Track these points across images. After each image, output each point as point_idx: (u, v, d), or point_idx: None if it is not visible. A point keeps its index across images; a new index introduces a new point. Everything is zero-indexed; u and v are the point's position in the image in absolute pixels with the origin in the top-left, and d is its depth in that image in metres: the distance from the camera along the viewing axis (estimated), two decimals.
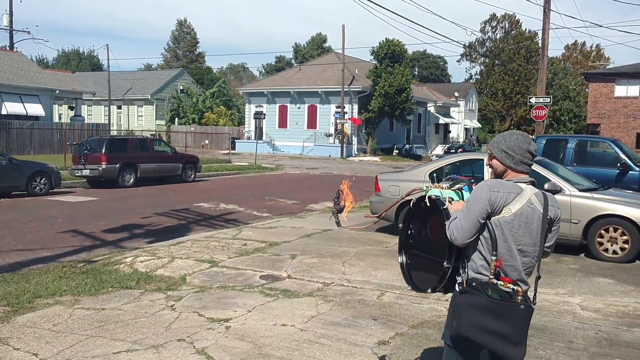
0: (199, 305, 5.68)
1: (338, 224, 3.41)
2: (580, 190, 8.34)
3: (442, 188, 3.06)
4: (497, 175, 2.88)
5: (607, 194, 8.47)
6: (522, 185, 2.76)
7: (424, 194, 3.07)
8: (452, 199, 2.97)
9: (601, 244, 8.09)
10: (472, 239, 2.73)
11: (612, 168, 11.94)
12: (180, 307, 5.61)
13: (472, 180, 3.15)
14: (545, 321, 5.33)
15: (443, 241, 2.86)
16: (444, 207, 2.92)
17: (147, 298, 5.93)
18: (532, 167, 2.89)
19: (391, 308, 5.67)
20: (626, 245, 7.94)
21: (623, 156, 12.15)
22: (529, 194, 2.73)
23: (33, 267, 7.27)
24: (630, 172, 11.76)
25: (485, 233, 2.72)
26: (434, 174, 9.13)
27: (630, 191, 9.59)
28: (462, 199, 3.00)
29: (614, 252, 8.01)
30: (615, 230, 8.00)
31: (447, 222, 2.82)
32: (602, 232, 8.07)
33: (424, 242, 3.19)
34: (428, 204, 3.00)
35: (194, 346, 4.58)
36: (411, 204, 3.22)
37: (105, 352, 4.42)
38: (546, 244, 2.86)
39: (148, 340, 4.68)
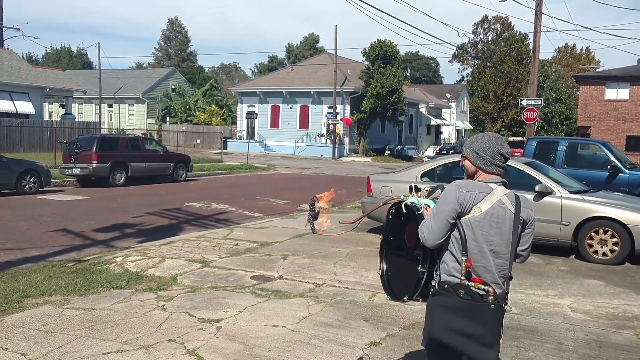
0: (189, 305, 5.66)
1: (313, 230, 3.38)
2: (571, 193, 8.39)
3: (419, 197, 3.09)
4: (469, 175, 2.90)
5: (598, 197, 8.52)
6: (493, 185, 2.76)
7: (401, 202, 3.09)
8: (429, 206, 2.99)
9: (591, 245, 8.14)
10: (442, 239, 2.73)
11: (602, 170, 12.03)
12: (170, 307, 5.59)
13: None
14: (535, 323, 5.35)
15: (419, 247, 2.87)
16: (419, 212, 2.94)
17: (137, 298, 5.89)
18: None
19: (382, 309, 5.67)
20: (616, 248, 8.00)
21: (613, 159, 12.26)
22: (499, 194, 2.73)
23: (22, 267, 7.21)
24: (620, 174, 11.87)
25: (456, 233, 2.72)
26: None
27: (620, 194, 9.67)
28: None
29: (604, 254, 8.06)
30: (605, 232, 8.06)
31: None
32: (592, 234, 8.12)
33: (402, 250, 3.19)
34: (404, 211, 3.02)
35: (184, 347, 4.56)
36: (389, 213, 3.23)
37: (94, 353, 4.39)
38: (521, 247, 2.86)
39: (138, 341, 4.66)
